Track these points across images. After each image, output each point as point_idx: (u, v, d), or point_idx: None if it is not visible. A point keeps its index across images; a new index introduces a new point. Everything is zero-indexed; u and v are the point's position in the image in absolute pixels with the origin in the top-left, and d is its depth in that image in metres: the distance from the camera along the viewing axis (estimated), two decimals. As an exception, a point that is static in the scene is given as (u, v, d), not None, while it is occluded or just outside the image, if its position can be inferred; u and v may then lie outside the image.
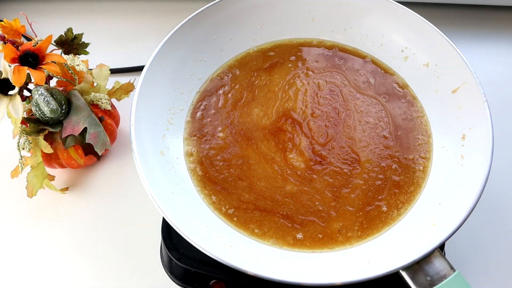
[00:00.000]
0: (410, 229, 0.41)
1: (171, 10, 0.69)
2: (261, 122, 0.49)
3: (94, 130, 0.48)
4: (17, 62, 0.44)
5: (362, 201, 0.43)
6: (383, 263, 0.37)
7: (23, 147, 0.47)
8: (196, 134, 0.48)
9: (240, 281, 0.41)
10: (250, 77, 0.52)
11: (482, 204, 0.38)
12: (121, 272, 0.47)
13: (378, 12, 0.52)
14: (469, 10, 0.68)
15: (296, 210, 0.43)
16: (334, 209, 0.43)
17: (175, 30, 0.48)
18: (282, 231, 0.42)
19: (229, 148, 0.47)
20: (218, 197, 0.44)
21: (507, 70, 0.63)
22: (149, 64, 0.46)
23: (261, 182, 0.45)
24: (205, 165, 0.46)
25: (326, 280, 0.36)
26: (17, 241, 0.50)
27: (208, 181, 0.45)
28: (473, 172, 0.40)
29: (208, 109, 0.50)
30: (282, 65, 0.53)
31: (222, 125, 0.48)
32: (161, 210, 0.38)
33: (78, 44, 0.51)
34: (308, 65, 0.53)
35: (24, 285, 0.47)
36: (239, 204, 0.44)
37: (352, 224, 0.42)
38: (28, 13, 0.48)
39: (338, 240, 0.42)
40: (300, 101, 0.50)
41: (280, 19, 0.54)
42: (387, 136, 0.47)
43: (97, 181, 0.54)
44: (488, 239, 0.48)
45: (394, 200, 0.44)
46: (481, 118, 0.42)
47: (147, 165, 0.41)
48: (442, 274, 0.35)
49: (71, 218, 0.51)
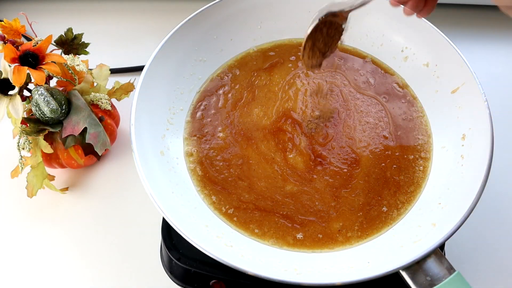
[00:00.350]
0: (410, 229, 0.41)
1: (171, 10, 0.69)
2: (261, 122, 0.49)
3: (94, 130, 0.48)
4: (17, 62, 0.44)
5: (362, 201, 0.43)
6: (383, 263, 0.37)
7: (23, 147, 0.47)
8: (196, 134, 0.48)
9: (240, 281, 0.41)
10: (250, 77, 0.52)
11: (482, 204, 0.38)
12: (121, 272, 0.47)
13: (378, 12, 0.52)
14: (469, 10, 0.68)
15: (296, 210, 0.43)
16: (334, 209, 0.43)
17: (175, 30, 0.48)
18: (282, 231, 0.42)
19: (229, 148, 0.47)
20: (218, 197, 0.44)
21: (507, 70, 0.63)
22: (149, 64, 0.46)
23: (261, 182, 0.45)
24: (205, 165, 0.46)
25: (326, 280, 0.36)
26: (17, 241, 0.50)
27: (208, 181, 0.45)
28: (473, 172, 0.40)
29: (208, 109, 0.50)
30: (282, 65, 0.53)
31: (222, 125, 0.48)
32: (161, 210, 0.38)
33: (78, 44, 0.51)
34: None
35: (24, 285, 0.47)
36: (239, 204, 0.44)
37: (352, 224, 0.42)
38: (28, 13, 0.48)
39: (338, 240, 0.42)
40: (300, 101, 0.50)
41: (280, 19, 0.54)
42: (387, 136, 0.47)
43: (97, 181, 0.54)
44: (488, 239, 0.48)
45: (394, 200, 0.44)
46: (481, 118, 0.42)
47: (147, 165, 0.41)
48: (442, 274, 0.35)
49: (71, 218, 0.51)
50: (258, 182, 0.45)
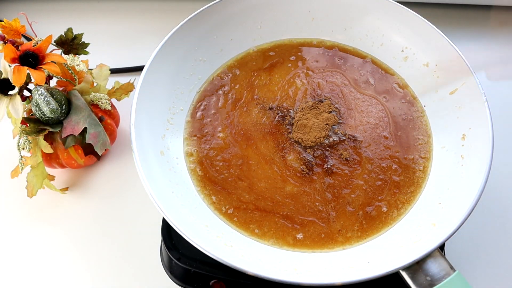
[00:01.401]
0: (410, 229, 0.41)
1: (171, 10, 0.69)
2: (261, 122, 0.48)
3: (94, 130, 0.48)
4: (17, 62, 0.44)
5: (362, 201, 0.43)
6: (383, 263, 0.37)
7: (23, 147, 0.47)
8: (196, 134, 0.48)
9: (240, 281, 0.41)
10: (250, 77, 0.52)
11: (482, 204, 0.38)
12: (121, 272, 0.47)
13: (378, 12, 0.52)
14: (469, 10, 0.68)
15: (296, 211, 0.43)
16: (334, 209, 0.43)
17: (175, 30, 0.48)
18: (282, 231, 0.42)
19: (229, 148, 0.47)
20: (218, 197, 0.44)
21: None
22: (149, 64, 0.46)
23: (261, 182, 0.45)
24: (205, 165, 0.46)
25: (326, 280, 0.36)
26: (17, 241, 0.50)
27: (208, 181, 0.45)
28: (473, 172, 0.40)
29: (208, 109, 0.50)
30: (282, 65, 0.53)
31: (222, 125, 0.48)
32: (161, 210, 0.38)
33: (78, 44, 0.51)
34: (308, 65, 0.53)
35: (24, 285, 0.47)
36: (239, 204, 0.44)
37: (352, 224, 0.42)
38: (28, 13, 0.48)
39: (338, 240, 0.42)
40: (299, 100, 0.50)
41: (280, 19, 0.54)
42: (388, 136, 0.47)
43: (97, 181, 0.54)
44: (488, 239, 0.48)
45: (394, 200, 0.44)
46: (481, 118, 0.42)
47: (147, 165, 0.41)
48: (442, 274, 0.35)
49: (71, 218, 0.51)
50: (258, 182, 0.45)
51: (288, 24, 0.54)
